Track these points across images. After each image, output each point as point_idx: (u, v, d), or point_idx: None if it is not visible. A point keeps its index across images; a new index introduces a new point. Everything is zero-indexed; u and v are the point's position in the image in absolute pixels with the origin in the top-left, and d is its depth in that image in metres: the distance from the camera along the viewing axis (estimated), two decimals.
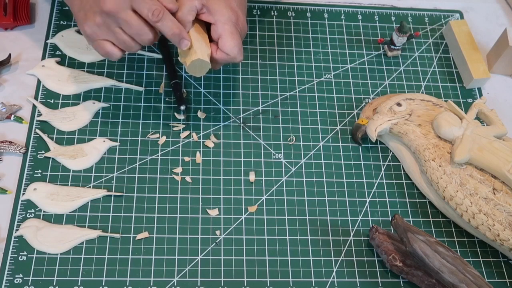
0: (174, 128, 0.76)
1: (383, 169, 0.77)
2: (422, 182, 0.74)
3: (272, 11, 0.89)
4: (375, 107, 0.78)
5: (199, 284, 0.66)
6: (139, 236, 0.68)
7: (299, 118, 0.80)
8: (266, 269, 0.68)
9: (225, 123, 0.78)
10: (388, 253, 0.68)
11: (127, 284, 0.65)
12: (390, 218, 0.72)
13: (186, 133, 0.76)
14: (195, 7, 0.68)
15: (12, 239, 0.66)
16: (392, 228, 0.68)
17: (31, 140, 0.73)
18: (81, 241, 0.67)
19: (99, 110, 0.77)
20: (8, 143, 0.71)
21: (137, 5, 0.63)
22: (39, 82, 0.78)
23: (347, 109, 0.81)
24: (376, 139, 0.78)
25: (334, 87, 0.83)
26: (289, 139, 0.78)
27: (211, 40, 0.71)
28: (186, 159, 0.74)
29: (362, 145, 0.78)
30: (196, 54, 0.67)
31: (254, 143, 0.77)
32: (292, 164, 0.76)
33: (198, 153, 0.75)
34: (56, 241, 0.66)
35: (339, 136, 0.79)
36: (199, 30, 0.70)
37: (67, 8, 0.84)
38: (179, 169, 0.73)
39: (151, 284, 0.66)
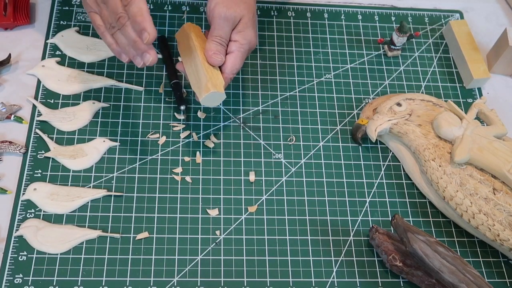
0: (174, 128, 0.76)
1: (383, 169, 0.77)
2: (422, 182, 0.74)
3: (272, 11, 0.89)
4: (375, 107, 0.78)
5: (199, 284, 0.66)
6: (139, 236, 0.68)
7: (299, 118, 0.80)
8: (266, 269, 0.68)
9: (225, 123, 0.78)
10: (388, 253, 0.68)
11: (127, 284, 0.65)
12: (390, 218, 0.72)
13: (186, 133, 0.76)
14: (232, 26, 0.70)
15: (12, 239, 0.66)
16: (392, 228, 0.68)
17: (31, 140, 0.73)
18: (81, 241, 0.67)
19: (99, 110, 0.77)
20: (8, 143, 0.71)
21: None
22: (39, 82, 0.78)
23: (347, 109, 0.81)
24: (376, 139, 0.78)
25: (334, 87, 0.83)
26: (289, 139, 0.78)
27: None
28: (186, 159, 0.74)
29: (362, 145, 0.78)
30: (212, 87, 0.67)
31: (254, 143, 0.77)
32: (292, 164, 0.76)
33: (198, 153, 0.75)
34: (56, 241, 0.66)
35: (339, 136, 0.79)
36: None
37: (67, 8, 0.85)
38: (179, 169, 0.73)
39: (151, 284, 0.66)
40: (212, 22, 0.69)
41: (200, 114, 0.78)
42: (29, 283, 0.64)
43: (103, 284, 0.65)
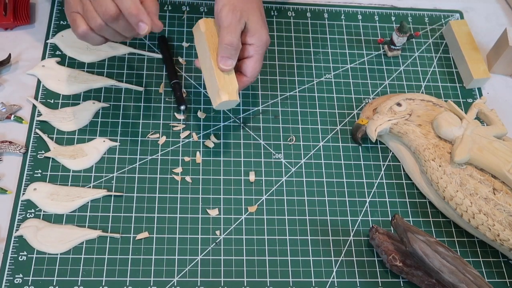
0: (174, 128, 0.76)
1: (383, 169, 0.77)
2: (422, 182, 0.74)
3: (272, 11, 0.89)
4: (375, 107, 0.78)
5: (199, 284, 0.66)
6: (139, 236, 0.68)
7: (299, 118, 0.80)
8: (266, 269, 0.68)
9: (225, 123, 0.78)
10: (388, 253, 0.68)
11: (127, 284, 0.65)
12: (390, 218, 0.72)
13: (186, 133, 0.76)
14: (241, 29, 0.68)
15: (12, 239, 0.66)
16: (392, 228, 0.68)
17: (31, 140, 0.73)
18: (81, 241, 0.67)
19: (99, 110, 0.77)
20: (8, 143, 0.71)
21: None
22: (39, 82, 0.78)
23: (347, 109, 0.81)
24: (376, 139, 0.78)
25: (334, 87, 0.83)
26: (289, 139, 0.78)
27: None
28: (186, 159, 0.74)
29: (362, 145, 0.78)
30: (224, 95, 0.67)
31: (254, 143, 0.77)
32: (292, 164, 0.76)
33: (198, 153, 0.75)
34: (56, 241, 0.66)
35: (339, 136, 0.79)
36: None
37: None
38: (179, 169, 0.73)
39: (151, 284, 0.66)
40: (221, 25, 0.69)
41: (200, 114, 0.78)
42: (29, 283, 0.64)
43: (103, 284, 0.65)
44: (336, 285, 0.68)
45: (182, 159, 0.74)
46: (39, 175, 0.71)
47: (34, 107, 0.76)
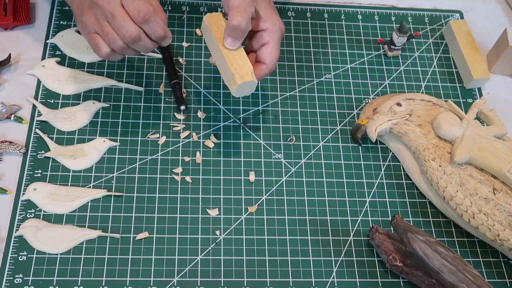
0: (174, 128, 0.76)
1: (383, 169, 0.77)
2: (422, 182, 0.74)
3: None
4: (375, 107, 0.78)
5: (199, 284, 0.66)
6: (139, 236, 0.68)
7: (299, 118, 0.80)
8: (266, 269, 0.68)
9: (225, 123, 0.78)
10: (388, 253, 0.68)
11: (127, 284, 0.65)
12: (390, 218, 0.72)
13: (186, 133, 0.76)
14: (252, 13, 0.67)
15: (12, 239, 0.66)
16: (392, 228, 0.68)
17: (31, 140, 0.73)
18: (81, 241, 0.67)
19: (99, 110, 0.77)
20: (8, 143, 0.71)
21: (126, 3, 0.62)
22: (39, 82, 0.78)
23: (347, 109, 0.81)
24: (376, 139, 0.78)
25: (334, 87, 0.83)
26: (289, 139, 0.78)
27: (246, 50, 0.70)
28: (186, 159, 0.74)
29: (362, 145, 0.78)
30: (238, 78, 0.66)
31: (254, 143, 0.77)
32: (292, 164, 0.76)
33: (198, 153, 0.75)
34: (56, 241, 0.66)
35: (339, 136, 0.79)
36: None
37: (67, 8, 0.85)
38: (179, 169, 0.73)
39: (151, 284, 0.66)
40: (230, 6, 0.66)
41: (200, 114, 0.78)
42: (29, 283, 0.64)
43: (103, 284, 0.65)
44: (336, 285, 0.68)
45: (182, 159, 0.74)
46: (39, 175, 0.71)
47: (34, 107, 0.76)
